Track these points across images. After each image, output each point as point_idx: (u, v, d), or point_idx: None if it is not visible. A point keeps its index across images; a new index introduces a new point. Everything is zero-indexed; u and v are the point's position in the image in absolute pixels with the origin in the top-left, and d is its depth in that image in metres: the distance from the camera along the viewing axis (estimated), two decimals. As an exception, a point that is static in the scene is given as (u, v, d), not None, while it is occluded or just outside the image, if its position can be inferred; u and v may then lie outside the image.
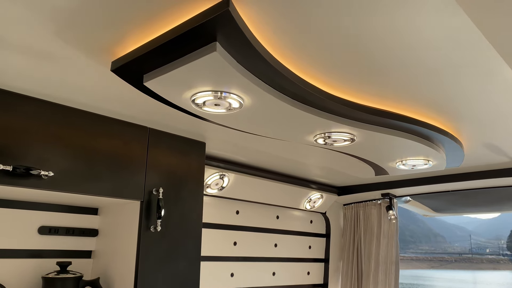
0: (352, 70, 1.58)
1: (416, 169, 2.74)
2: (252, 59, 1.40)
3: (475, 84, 1.67)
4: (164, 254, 2.26)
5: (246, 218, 3.44)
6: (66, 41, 1.42)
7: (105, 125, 2.14)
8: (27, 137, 1.85)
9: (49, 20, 1.30)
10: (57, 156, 1.93)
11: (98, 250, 2.52)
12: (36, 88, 1.82)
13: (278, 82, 1.59)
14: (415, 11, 1.20)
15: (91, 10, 1.24)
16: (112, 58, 1.54)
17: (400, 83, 1.69)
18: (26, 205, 2.29)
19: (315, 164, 3.12)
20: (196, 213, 2.46)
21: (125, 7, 1.22)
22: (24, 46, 1.46)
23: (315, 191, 3.80)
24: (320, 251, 4.16)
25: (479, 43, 1.34)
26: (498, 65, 1.50)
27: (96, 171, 2.06)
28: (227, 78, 1.48)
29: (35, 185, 1.84)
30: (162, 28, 1.32)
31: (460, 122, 2.12)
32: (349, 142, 2.18)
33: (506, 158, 2.81)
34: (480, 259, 44.04)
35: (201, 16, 1.20)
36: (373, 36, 1.33)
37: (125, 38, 1.40)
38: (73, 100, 1.96)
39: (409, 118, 2.04)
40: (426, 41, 1.35)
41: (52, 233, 2.37)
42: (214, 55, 1.30)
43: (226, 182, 3.03)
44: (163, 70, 1.47)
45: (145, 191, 2.24)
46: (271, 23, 1.28)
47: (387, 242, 3.99)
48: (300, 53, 1.46)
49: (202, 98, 1.65)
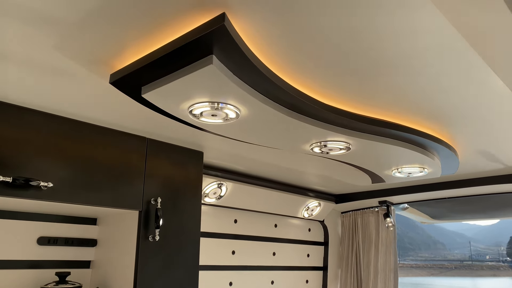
0: (347, 80, 1.61)
1: (412, 177, 2.77)
2: (247, 71, 1.43)
3: (468, 92, 1.71)
4: (162, 264, 2.27)
5: (244, 227, 3.45)
6: (65, 54, 1.46)
7: (104, 136, 2.16)
8: (26, 148, 1.87)
9: (48, 34, 1.33)
10: (56, 167, 1.95)
11: (97, 260, 2.53)
12: (35, 100, 1.85)
13: (273, 93, 1.62)
14: (408, 24, 1.23)
15: (90, 24, 1.27)
16: (111, 70, 1.57)
17: (394, 92, 1.72)
18: (25, 216, 2.31)
19: (312, 172, 3.15)
20: (194, 223, 2.48)
21: (123, 21, 1.26)
22: (23, 59, 1.49)
23: (313, 199, 3.82)
24: (318, 259, 4.17)
25: (470, 51, 1.37)
26: (489, 73, 1.53)
27: (95, 182, 2.08)
28: (224, 90, 1.52)
29: (34, 196, 1.86)
30: (159, 41, 1.35)
31: (454, 130, 2.16)
32: (345, 150, 2.21)
33: (501, 165, 2.84)
34: (480, 266, 43.86)
35: (198, 30, 1.24)
36: (367, 48, 1.37)
37: (123, 51, 1.43)
38: (72, 112, 1.99)
39: (403, 127, 2.07)
40: (418, 50, 1.39)
41: (51, 243, 2.38)
42: (211, 67, 1.34)
43: (224, 191, 3.05)
44: (161, 82, 1.50)
45: (144, 201, 2.25)
46: (265, 36, 1.31)
47: (385, 249, 4.00)
48: (295, 64, 1.49)
49: (199, 109, 1.68)
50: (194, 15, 1.21)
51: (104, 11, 1.20)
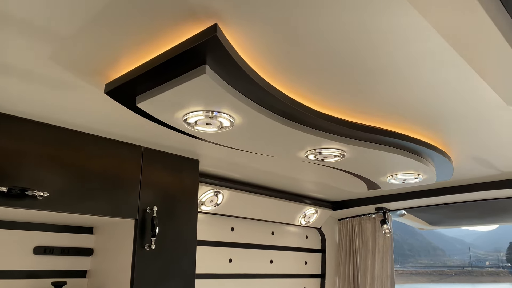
0: (340, 88, 1.63)
1: (407, 183, 2.78)
2: (240, 80, 1.45)
3: (460, 100, 1.73)
4: (159, 272, 2.27)
5: (241, 235, 3.45)
6: (61, 64, 1.47)
7: (100, 145, 2.17)
8: (22, 158, 1.88)
9: (44, 45, 1.35)
10: (52, 176, 1.96)
11: (93, 269, 2.53)
12: (31, 110, 1.86)
13: (267, 101, 1.64)
14: (400, 32, 1.25)
15: (85, 36, 1.29)
16: (106, 80, 1.58)
17: (387, 100, 1.74)
18: (21, 225, 2.31)
19: (309, 179, 3.16)
20: (190, 231, 2.48)
21: (117, 33, 1.27)
22: (19, 69, 1.51)
23: (310, 206, 3.82)
24: (316, 266, 4.16)
25: (462, 59, 1.39)
26: (480, 81, 1.55)
27: (91, 191, 2.09)
28: (217, 99, 1.53)
29: (30, 205, 1.86)
30: (153, 52, 1.37)
31: (448, 136, 2.17)
32: (339, 157, 2.22)
33: (495, 170, 2.86)
34: (480, 272, 43.72)
35: (191, 41, 1.26)
36: (360, 57, 1.39)
37: (118, 62, 1.45)
38: (68, 121, 2.00)
39: (397, 134, 2.09)
40: (411, 59, 1.41)
41: (47, 253, 2.38)
42: (204, 77, 1.35)
43: (221, 199, 3.05)
44: (155, 92, 1.52)
45: (140, 209, 2.26)
46: (258, 46, 1.33)
47: (382, 256, 4.00)
48: (288, 73, 1.51)
49: (194, 118, 1.70)
50: (187, 26, 1.23)
51: (98, 23, 1.22)
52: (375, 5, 1.12)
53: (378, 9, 1.14)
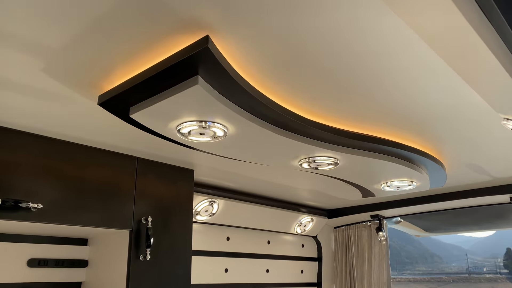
0: (332, 97, 1.65)
1: (401, 190, 2.79)
2: (233, 90, 1.47)
3: (452, 107, 1.75)
4: (154, 283, 2.26)
5: (236, 244, 3.44)
6: (54, 77, 1.48)
7: (93, 156, 2.17)
8: (16, 170, 1.88)
9: (37, 58, 1.36)
10: (46, 188, 1.96)
11: (88, 281, 2.51)
12: (24, 122, 1.87)
13: (260, 111, 1.66)
14: (388, 41, 1.28)
15: (77, 48, 1.31)
16: (99, 92, 1.60)
17: (379, 108, 1.76)
18: (14, 237, 2.29)
19: (304, 188, 3.17)
20: (185, 241, 2.48)
21: (110, 45, 1.29)
22: (13, 82, 1.52)
23: (305, 214, 3.82)
24: (312, 275, 4.15)
25: (450, 67, 1.42)
26: (470, 88, 1.57)
27: (85, 202, 2.08)
28: (210, 109, 1.55)
29: (24, 217, 1.86)
30: (146, 63, 1.39)
31: (441, 143, 2.19)
32: (333, 166, 2.24)
33: (488, 177, 2.88)
34: (478, 279, 43.64)
35: (183, 52, 1.27)
36: (351, 66, 1.41)
37: (111, 74, 1.46)
38: (62, 133, 2.00)
39: (390, 142, 2.11)
40: (402, 67, 1.43)
41: (42, 265, 2.36)
42: (196, 88, 1.37)
43: (216, 209, 3.05)
44: (148, 103, 1.53)
45: (134, 220, 2.26)
46: (249, 56, 1.35)
47: (379, 263, 4.00)
48: (279, 82, 1.53)
49: (187, 128, 1.71)
50: (179, 38, 1.25)
51: (91, 35, 1.23)
52: (367, 15, 1.14)
53: (371, 17, 1.15)
